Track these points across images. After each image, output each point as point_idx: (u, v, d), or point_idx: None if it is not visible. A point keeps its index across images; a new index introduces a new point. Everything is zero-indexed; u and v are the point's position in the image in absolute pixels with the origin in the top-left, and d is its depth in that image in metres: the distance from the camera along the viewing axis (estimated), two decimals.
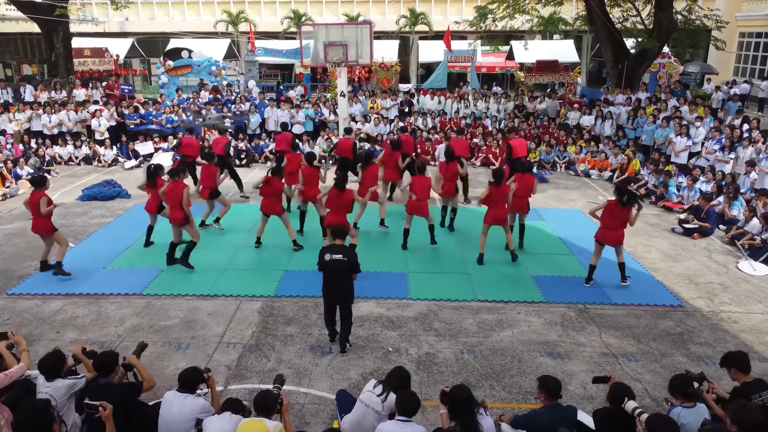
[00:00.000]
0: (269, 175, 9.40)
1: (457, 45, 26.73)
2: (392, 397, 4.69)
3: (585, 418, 4.56)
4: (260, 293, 8.16)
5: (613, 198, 8.04)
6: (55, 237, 8.61)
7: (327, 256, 6.41)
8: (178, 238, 9.04)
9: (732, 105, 18.27)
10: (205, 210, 10.79)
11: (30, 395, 4.82)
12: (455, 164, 10.35)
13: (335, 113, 17.70)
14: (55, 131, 16.73)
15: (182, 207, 8.58)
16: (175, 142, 16.08)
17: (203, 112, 17.47)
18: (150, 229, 9.83)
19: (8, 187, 13.14)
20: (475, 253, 9.31)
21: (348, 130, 13.65)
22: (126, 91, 21.34)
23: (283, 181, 9.88)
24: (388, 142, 12.51)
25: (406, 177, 11.73)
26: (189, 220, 8.72)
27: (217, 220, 10.68)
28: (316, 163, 10.45)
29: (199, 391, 4.85)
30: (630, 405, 4.24)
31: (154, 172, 9.30)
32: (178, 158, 15.45)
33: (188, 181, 9.92)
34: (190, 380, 4.76)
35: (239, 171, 13.53)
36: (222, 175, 10.78)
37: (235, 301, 7.98)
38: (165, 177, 9.25)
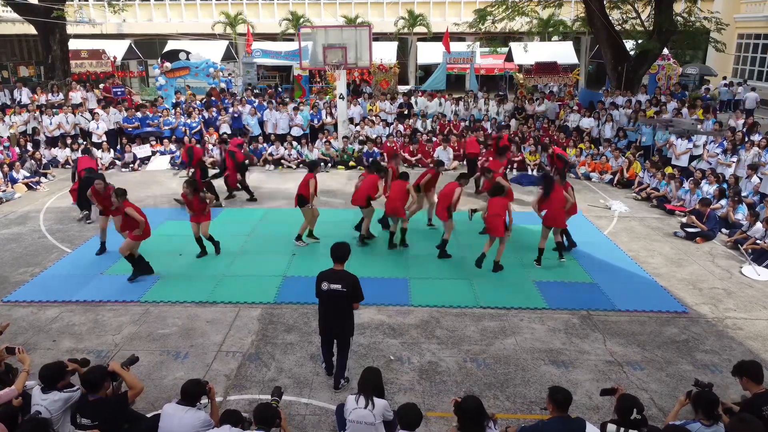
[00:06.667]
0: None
1: (456, 46, 26.70)
2: (379, 402, 4.66)
3: (593, 430, 4.46)
4: (259, 300, 8.04)
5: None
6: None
7: (324, 285, 5.76)
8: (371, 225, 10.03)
9: None
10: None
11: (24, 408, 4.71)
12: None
13: (333, 115, 17.60)
14: (55, 134, 16.57)
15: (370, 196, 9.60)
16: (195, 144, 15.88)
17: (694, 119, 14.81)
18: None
19: (4, 191, 12.99)
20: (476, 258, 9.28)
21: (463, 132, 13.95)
22: (118, 93, 21.16)
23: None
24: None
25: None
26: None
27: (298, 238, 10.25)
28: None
29: (199, 403, 4.75)
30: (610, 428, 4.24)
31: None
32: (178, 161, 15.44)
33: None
34: (194, 393, 4.66)
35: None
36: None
37: (234, 308, 7.86)
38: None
